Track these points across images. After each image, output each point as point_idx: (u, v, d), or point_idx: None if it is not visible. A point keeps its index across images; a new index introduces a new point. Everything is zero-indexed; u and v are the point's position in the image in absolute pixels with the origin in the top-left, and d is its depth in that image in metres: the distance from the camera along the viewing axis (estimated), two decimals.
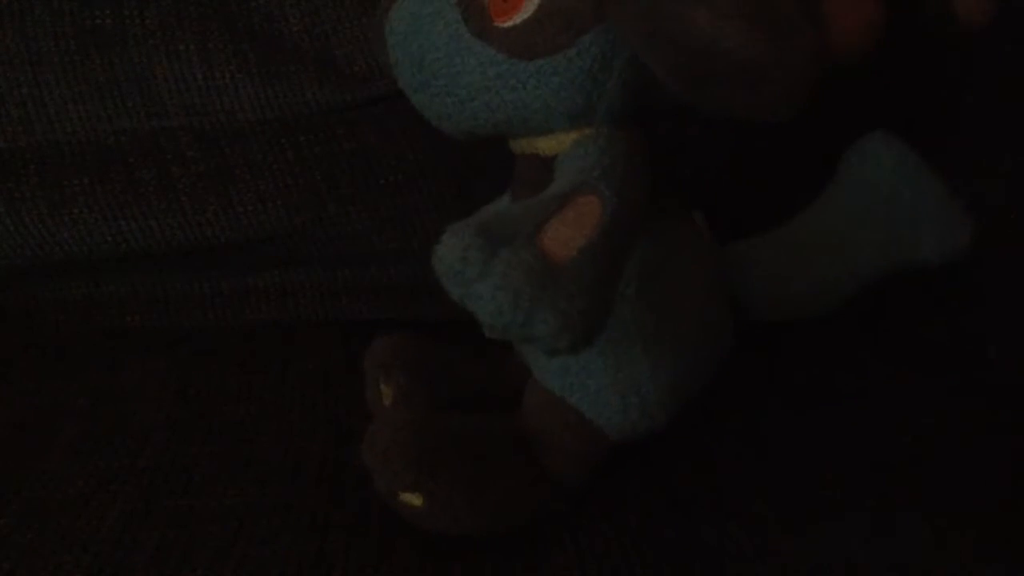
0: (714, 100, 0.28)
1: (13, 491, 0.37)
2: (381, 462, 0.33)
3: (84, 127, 0.50)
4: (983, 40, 0.46)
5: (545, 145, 0.34)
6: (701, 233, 0.39)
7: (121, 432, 0.41)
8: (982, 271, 0.46)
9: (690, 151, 0.51)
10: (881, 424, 0.42)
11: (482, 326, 0.27)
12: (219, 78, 0.50)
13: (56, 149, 0.50)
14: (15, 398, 0.44)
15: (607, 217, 0.29)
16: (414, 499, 0.32)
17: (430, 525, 0.33)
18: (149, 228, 0.50)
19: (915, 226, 0.41)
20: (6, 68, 0.49)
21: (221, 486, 0.37)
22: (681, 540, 0.34)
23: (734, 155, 0.52)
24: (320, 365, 0.47)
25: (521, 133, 0.34)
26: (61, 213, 0.49)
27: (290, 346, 0.49)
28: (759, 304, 0.42)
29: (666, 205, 0.36)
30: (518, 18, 0.31)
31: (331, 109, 0.51)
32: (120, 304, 0.53)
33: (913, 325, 0.49)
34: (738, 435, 0.41)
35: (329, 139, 0.51)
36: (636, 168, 0.32)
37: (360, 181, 0.51)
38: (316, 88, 0.51)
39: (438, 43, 0.32)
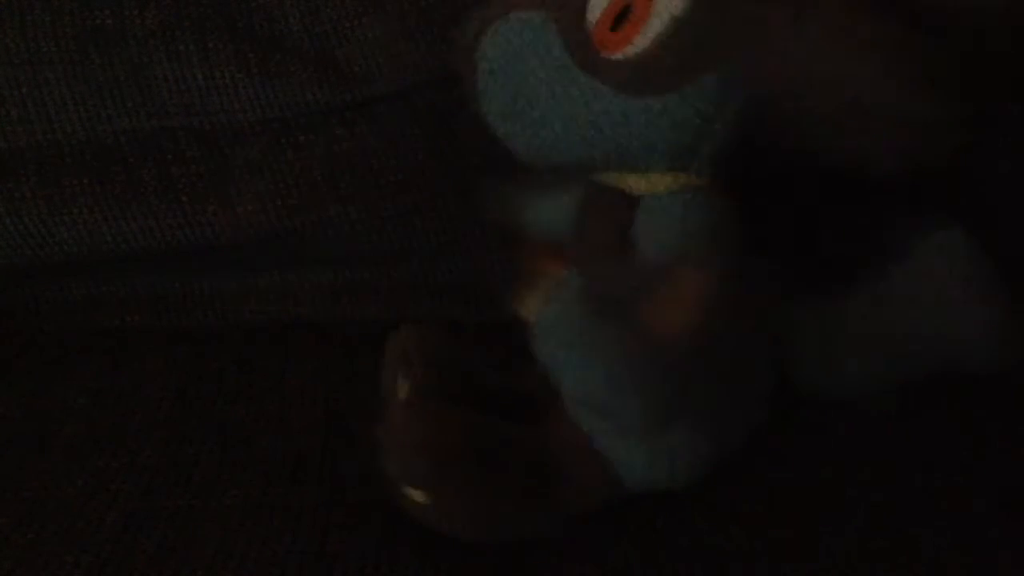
0: (858, 147, 0.27)
1: (13, 491, 0.37)
2: (397, 450, 0.32)
3: (84, 127, 0.50)
4: None
5: (636, 184, 0.32)
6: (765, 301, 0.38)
7: (121, 432, 0.41)
8: None
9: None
10: (883, 425, 0.42)
11: (560, 389, 0.26)
12: (219, 78, 0.50)
13: (56, 149, 0.50)
14: (15, 398, 0.44)
15: (708, 296, 0.28)
16: (418, 495, 0.32)
17: (428, 522, 0.33)
18: (149, 228, 0.50)
19: (967, 336, 0.40)
20: (6, 68, 0.49)
21: (221, 486, 0.37)
22: (681, 541, 0.34)
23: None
24: (320, 365, 0.47)
25: (613, 169, 0.33)
26: (61, 213, 0.49)
27: (290, 346, 0.49)
28: (805, 379, 0.41)
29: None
30: (630, 51, 0.29)
31: (331, 109, 0.51)
32: (120, 304, 0.53)
33: None
34: None
35: (329, 139, 0.51)
36: (734, 234, 0.31)
37: (360, 181, 0.51)
38: (316, 88, 0.51)
39: (539, 73, 0.31)
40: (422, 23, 0.50)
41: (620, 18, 0.30)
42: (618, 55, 0.30)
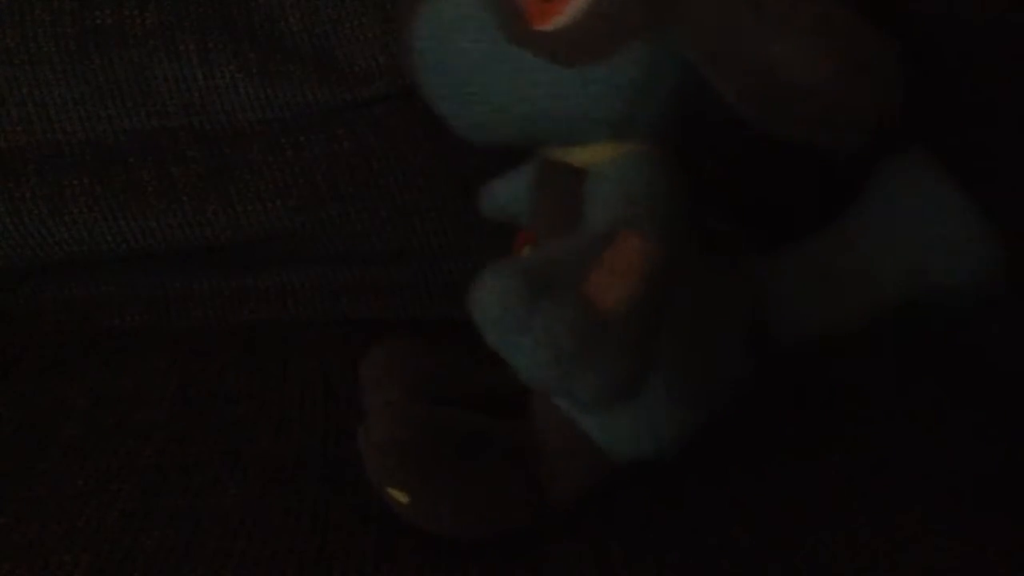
0: (781, 124, 0.27)
1: (13, 490, 0.37)
2: (374, 454, 0.32)
3: (84, 127, 0.50)
4: None
5: (580, 156, 0.32)
6: (730, 254, 0.38)
7: (121, 432, 0.41)
8: None
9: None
10: (884, 425, 0.42)
11: (517, 374, 0.26)
12: (219, 78, 0.50)
13: (56, 149, 0.50)
14: (15, 398, 0.44)
15: (650, 261, 0.27)
16: (400, 496, 0.32)
17: (413, 521, 0.33)
18: (149, 228, 0.50)
19: (944, 253, 0.39)
20: (6, 68, 0.49)
21: (221, 486, 0.37)
22: (679, 539, 0.34)
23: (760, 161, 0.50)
24: (320, 365, 0.47)
25: (556, 143, 0.33)
26: (61, 213, 0.49)
27: (290, 346, 0.49)
28: (782, 325, 0.40)
29: (696, 229, 0.34)
30: (559, 22, 0.29)
31: (331, 109, 0.51)
32: (120, 304, 0.53)
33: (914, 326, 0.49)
34: (741, 435, 0.41)
35: (329, 139, 0.51)
36: (679, 199, 0.30)
37: (360, 181, 0.51)
38: (316, 88, 0.51)
39: (469, 49, 0.30)
40: None
41: None
42: (548, 27, 0.30)
